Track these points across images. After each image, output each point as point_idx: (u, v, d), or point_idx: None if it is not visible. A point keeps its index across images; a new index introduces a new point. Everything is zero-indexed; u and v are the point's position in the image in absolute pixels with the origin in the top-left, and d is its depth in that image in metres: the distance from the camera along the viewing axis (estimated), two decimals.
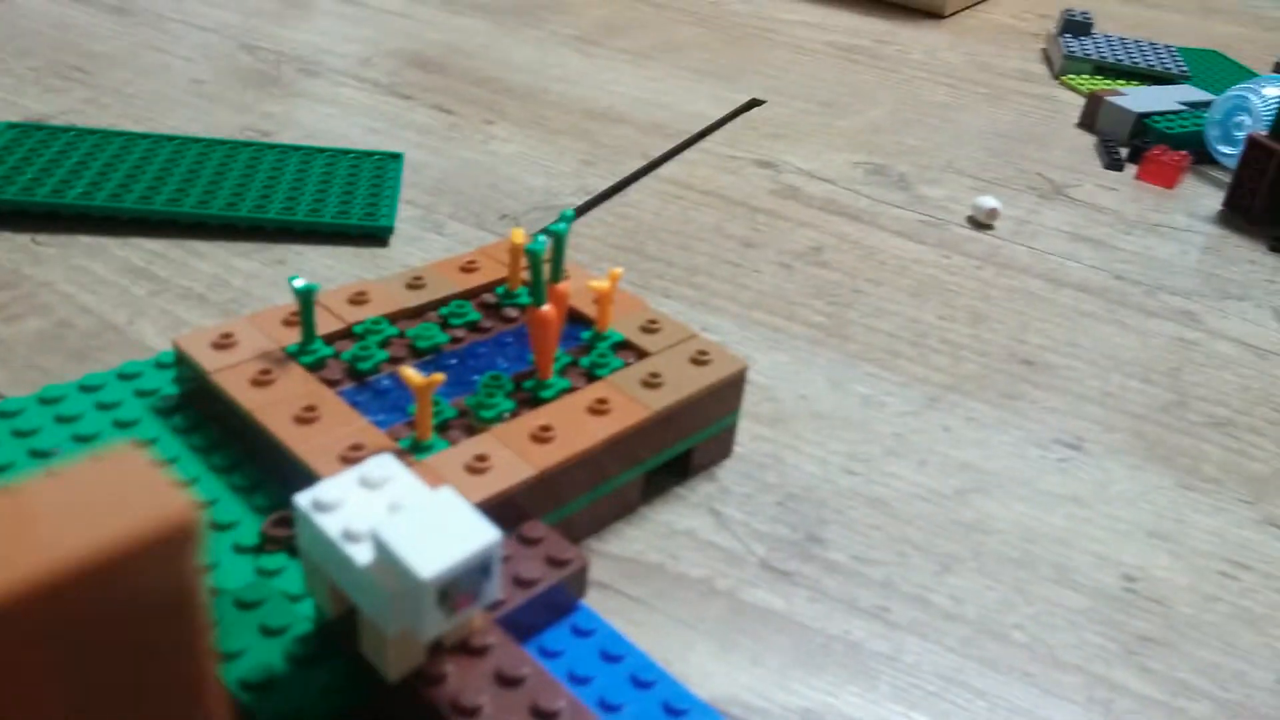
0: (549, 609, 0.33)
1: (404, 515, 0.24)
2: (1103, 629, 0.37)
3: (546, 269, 0.37)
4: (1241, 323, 0.58)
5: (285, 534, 0.31)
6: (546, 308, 0.36)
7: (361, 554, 0.24)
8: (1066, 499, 0.43)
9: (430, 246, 0.56)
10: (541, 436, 0.35)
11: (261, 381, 0.35)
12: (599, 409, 0.37)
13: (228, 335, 0.37)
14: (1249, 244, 0.67)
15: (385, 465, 0.27)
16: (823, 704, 0.33)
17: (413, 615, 0.24)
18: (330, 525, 0.25)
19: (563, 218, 0.40)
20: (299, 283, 0.36)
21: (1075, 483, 0.44)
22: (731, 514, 0.40)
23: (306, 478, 0.32)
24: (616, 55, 0.87)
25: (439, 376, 0.33)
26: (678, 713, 0.30)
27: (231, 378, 0.36)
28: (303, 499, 0.26)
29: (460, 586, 0.24)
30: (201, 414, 0.37)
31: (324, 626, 0.29)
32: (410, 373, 0.33)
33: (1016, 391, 0.50)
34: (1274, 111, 0.70)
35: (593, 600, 0.36)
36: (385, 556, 0.24)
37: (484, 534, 0.24)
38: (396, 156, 0.61)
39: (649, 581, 0.37)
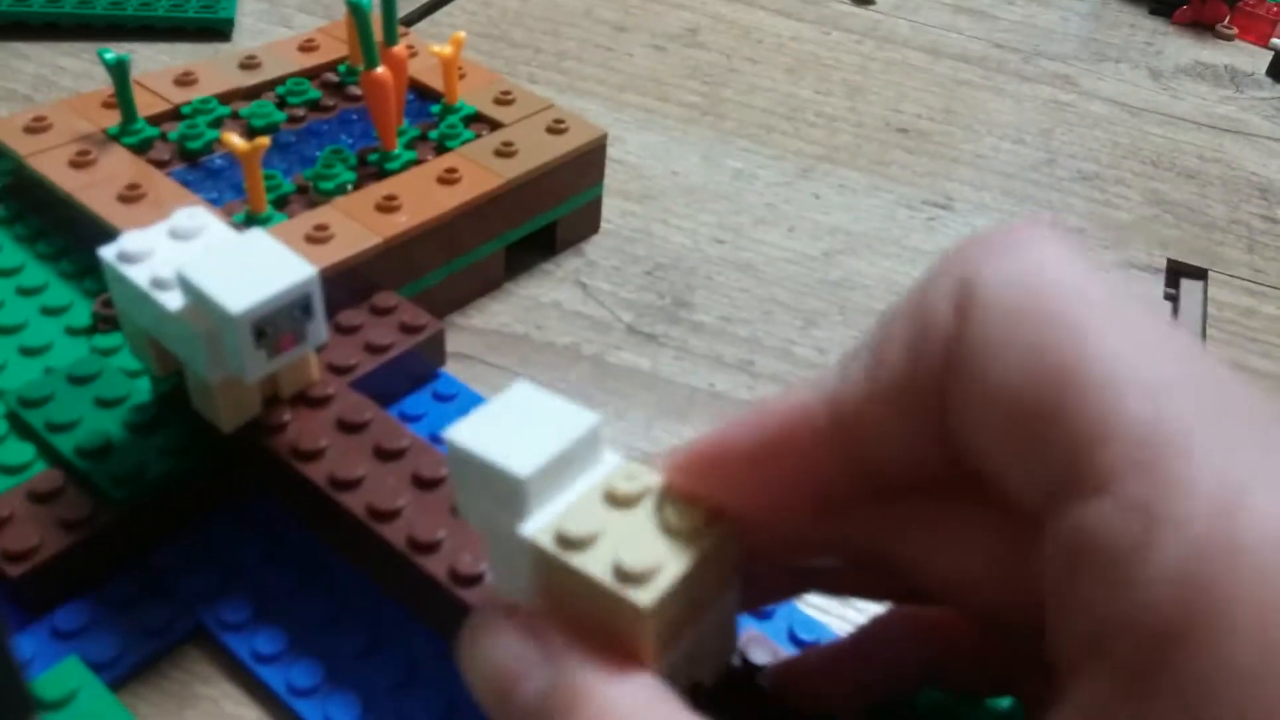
0: (406, 376, 0.33)
1: (213, 256, 0.23)
2: None
3: (378, 29, 0.35)
4: (1117, 83, 0.58)
5: (114, 312, 0.30)
6: (380, 69, 0.34)
7: (172, 300, 0.23)
8: (933, 254, 0.44)
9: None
10: (387, 206, 0.34)
11: (81, 163, 0.33)
12: (449, 179, 0.36)
13: (41, 119, 0.35)
14: (1130, 9, 0.67)
15: (196, 216, 0.25)
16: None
17: (232, 357, 0.23)
18: (138, 274, 0.24)
19: None
20: (109, 54, 0.33)
21: (942, 238, 0.45)
22: (598, 285, 0.40)
23: None
24: None
25: (264, 140, 0.31)
26: None
27: (48, 161, 0.33)
28: (107, 251, 0.24)
29: (279, 325, 0.23)
30: (23, 204, 0.35)
31: (162, 394, 0.28)
32: (232, 137, 0.31)
33: (890, 158, 0.50)
34: None
35: (456, 370, 0.35)
36: (195, 297, 0.23)
37: (299, 270, 0.23)
38: None
39: (514, 350, 0.37)
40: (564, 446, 0.18)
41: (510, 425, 0.18)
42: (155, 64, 0.49)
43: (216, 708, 0.25)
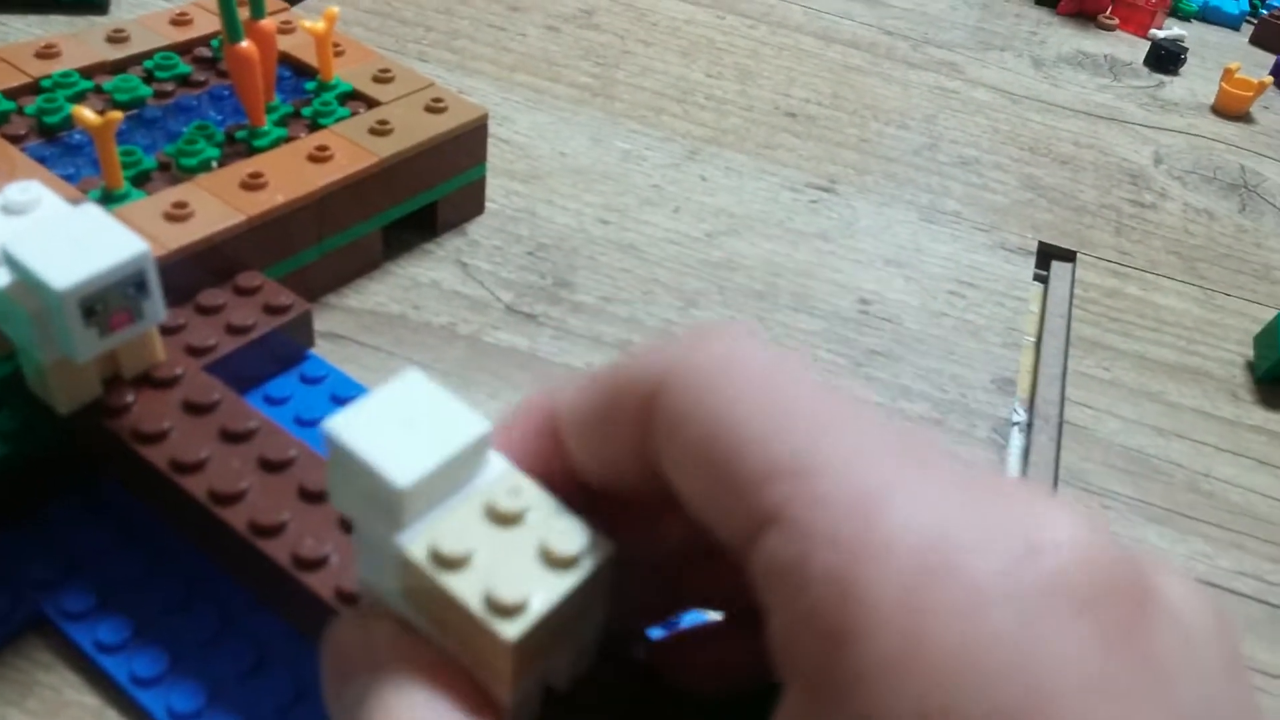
0: (271, 358, 0.32)
1: (41, 231, 0.23)
2: (836, 346, 0.39)
3: (243, 9, 0.34)
4: (1000, 71, 0.60)
5: None
6: (244, 43, 0.33)
7: (1, 276, 0.23)
8: (813, 236, 0.44)
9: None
10: (252, 184, 0.33)
11: None
12: (319, 156, 0.35)
13: None
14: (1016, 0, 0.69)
15: (29, 190, 0.25)
16: None
17: (61, 337, 0.23)
18: None
19: None
20: None
21: (823, 221, 0.45)
22: (479, 265, 0.40)
23: None
24: None
25: (116, 114, 0.30)
26: None
27: None
28: None
29: (110, 303, 0.23)
30: None
31: (2, 377, 0.27)
32: (84, 111, 0.30)
33: (776, 141, 0.50)
34: None
35: (328, 351, 0.35)
36: (21, 274, 0.22)
37: (130, 245, 0.23)
38: None
39: (388, 330, 0.36)
40: (449, 455, 0.17)
41: (395, 422, 0.17)
42: (27, 36, 0.47)
43: (58, 696, 0.24)
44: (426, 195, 0.39)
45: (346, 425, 0.18)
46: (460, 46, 0.53)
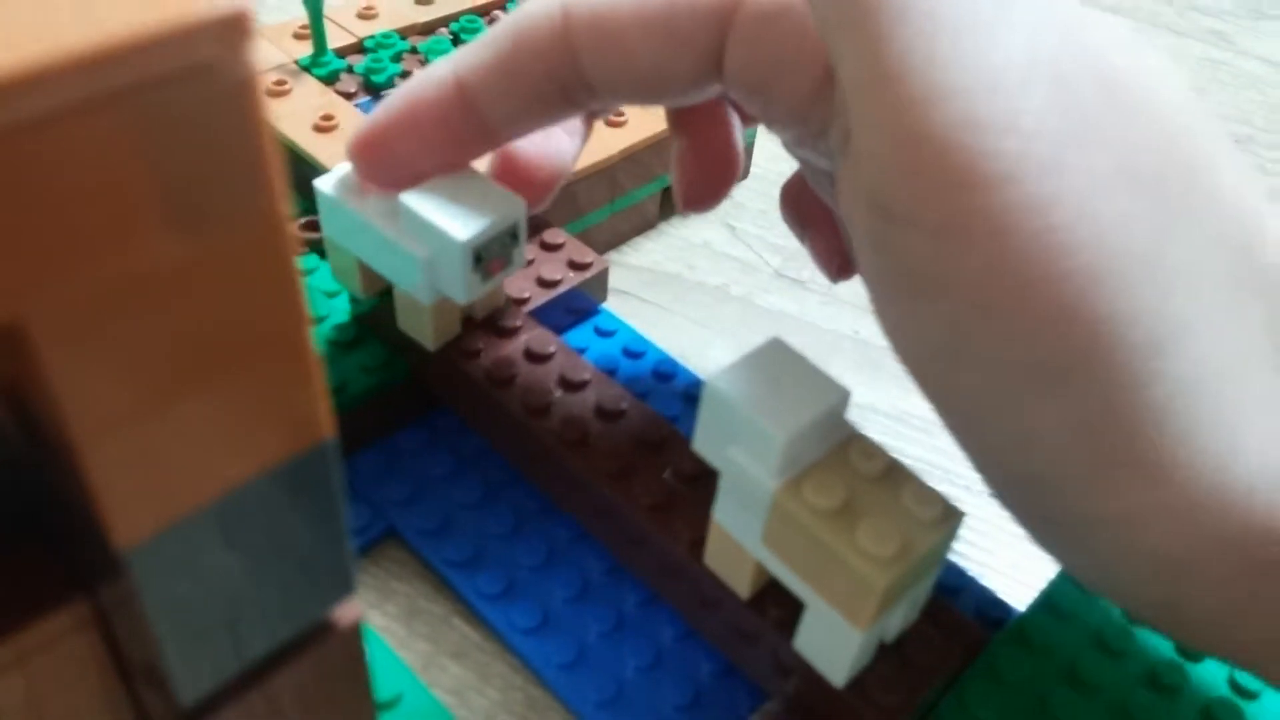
0: (571, 311, 0.34)
1: (431, 188, 0.25)
2: None
3: None
4: (1274, 42, 0.57)
5: (311, 236, 0.32)
6: None
7: (392, 228, 0.25)
8: None
9: None
10: None
11: (277, 93, 0.35)
12: (615, 122, 0.37)
13: None
14: None
15: None
16: None
17: (449, 281, 0.25)
18: (355, 203, 0.26)
19: None
20: None
21: None
22: (746, 228, 0.41)
23: None
24: None
25: None
26: (696, 400, 0.32)
27: None
28: (324, 182, 0.26)
29: (492, 251, 0.25)
30: None
31: (359, 315, 0.30)
32: None
33: None
34: None
35: (613, 305, 0.37)
36: (417, 226, 0.25)
37: (510, 201, 0.25)
38: None
39: (667, 288, 0.38)
40: (818, 413, 0.19)
41: (767, 382, 0.20)
42: None
43: (411, 604, 0.27)
44: None
45: (727, 381, 0.20)
46: None
